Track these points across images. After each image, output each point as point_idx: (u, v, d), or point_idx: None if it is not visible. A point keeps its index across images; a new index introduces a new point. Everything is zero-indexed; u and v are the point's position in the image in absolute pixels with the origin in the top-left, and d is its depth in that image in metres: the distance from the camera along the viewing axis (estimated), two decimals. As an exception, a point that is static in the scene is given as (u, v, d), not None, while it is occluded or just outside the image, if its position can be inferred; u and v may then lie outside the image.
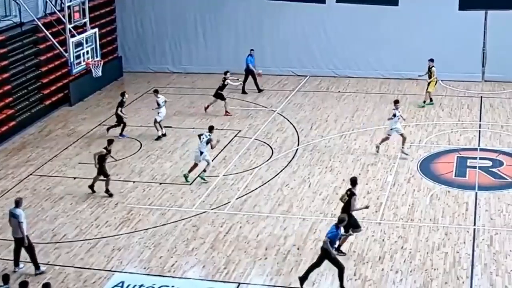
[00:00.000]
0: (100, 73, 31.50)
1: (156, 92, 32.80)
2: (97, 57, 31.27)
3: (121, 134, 31.96)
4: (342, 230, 20.65)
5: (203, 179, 27.40)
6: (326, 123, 33.16)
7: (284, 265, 21.77)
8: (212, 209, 25.41)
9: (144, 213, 25.21)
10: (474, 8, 33.34)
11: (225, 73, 34.69)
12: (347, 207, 21.94)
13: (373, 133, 31.71)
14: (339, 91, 37.59)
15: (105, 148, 26.62)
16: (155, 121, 32.08)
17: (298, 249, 22.62)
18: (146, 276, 21.40)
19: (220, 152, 29.87)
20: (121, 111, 31.94)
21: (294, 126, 32.77)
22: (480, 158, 28.86)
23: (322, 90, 37.91)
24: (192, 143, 30.85)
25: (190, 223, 24.43)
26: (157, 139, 31.67)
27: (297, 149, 30.31)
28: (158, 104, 32.13)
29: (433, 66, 34.59)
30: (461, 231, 23.48)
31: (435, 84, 35.08)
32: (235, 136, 31.89)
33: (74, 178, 28.24)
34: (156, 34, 42.09)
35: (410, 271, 21.25)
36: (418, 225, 23.88)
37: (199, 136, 27.73)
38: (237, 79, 35.52)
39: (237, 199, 26.10)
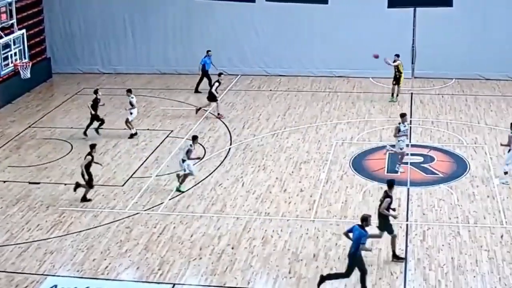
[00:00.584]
0: (28, 75, 30.99)
1: (129, 91, 32.28)
2: (25, 58, 30.77)
3: (84, 133, 31.65)
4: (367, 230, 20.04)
5: (180, 191, 26.59)
6: (258, 122, 33.15)
7: (219, 264, 21.66)
8: (145, 210, 25.17)
9: (76, 216, 24.86)
10: (403, 5, 33.72)
11: (219, 74, 34.32)
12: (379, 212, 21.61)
13: (305, 131, 31.80)
14: (270, 90, 37.64)
15: (90, 154, 25.89)
16: (127, 121, 31.66)
17: (232, 248, 22.54)
18: (79, 279, 21.10)
19: (152, 153, 29.64)
20: (91, 107, 31.56)
21: (226, 126, 32.69)
22: (412, 154, 29.13)
23: (253, 89, 37.91)
24: (123, 145, 30.61)
25: (123, 225, 24.16)
26: (130, 137, 31.41)
27: (229, 149, 30.23)
28: (132, 104, 31.71)
29: (399, 61, 34.94)
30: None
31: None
32: (167, 136, 31.66)
33: (4, 181, 27.71)
34: (85, 35, 41.58)
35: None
36: (352, 222, 23.88)
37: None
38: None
39: (170, 199, 25.90)
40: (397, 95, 35.45)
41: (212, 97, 33.77)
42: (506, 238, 22.84)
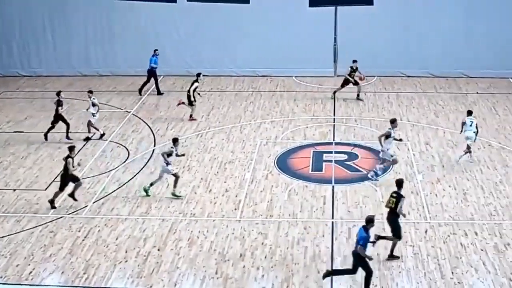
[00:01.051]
0: None
1: (90, 92, 31.63)
2: None
3: (67, 137, 30.95)
4: (371, 232, 19.90)
5: (177, 197, 25.96)
6: (182, 123, 32.94)
7: (145, 267, 21.44)
8: (69, 213, 24.77)
9: (-2, 221, 24.37)
10: (324, 4, 33.82)
11: (198, 75, 33.76)
12: (395, 211, 21.43)
13: (229, 130, 31.71)
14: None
15: (69, 156, 25.17)
16: (90, 123, 31.07)
17: (158, 250, 22.34)
18: (3, 285, 20.65)
19: (75, 156, 29.14)
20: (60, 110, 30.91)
21: (149, 127, 32.40)
22: (336, 152, 29.32)
23: (176, 89, 37.63)
24: (45, 148, 30.10)
25: (46, 229, 23.74)
26: (100, 138, 31.17)
27: (153, 150, 29.97)
28: (94, 105, 31.11)
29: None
30: (319, 224, 23.75)
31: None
32: (89, 139, 31.19)
33: None
34: (3, 36, 40.70)
35: (271, 267, 21.33)
36: (277, 221, 24.01)
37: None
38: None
39: (94, 202, 25.55)
40: (358, 94, 35.54)
41: (190, 99, 33.23)
42: (430, 233, 23.13)
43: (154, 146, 30.31)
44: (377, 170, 26.90)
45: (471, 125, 28.23)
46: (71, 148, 25.45)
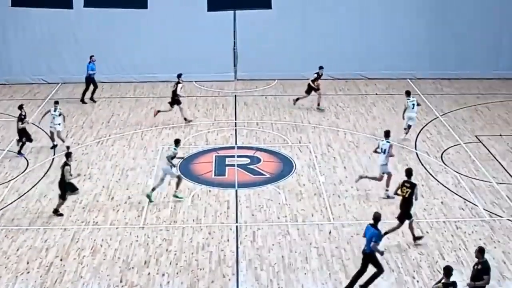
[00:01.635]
0: None
1: (56, 103, 30.66)
2: None
3: (19, 152, 29.81)
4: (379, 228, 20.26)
5: (179, 198, 25.82)
6: (82, 130, 32.41)
7: (48, 277, 21.00)
8: (-33, 226, 24.10)
9: None
10: (222, 9, 33.71)
11: (178, 76, 33.09)
12: (409, 200, 22.52)
13: (130, 137, 31.35)
14: (91, 98, 36.60)
15: (66, 163, 24.62)
16: (58, 134, 30.23)
17: (61, 260, 21.91)
18: None
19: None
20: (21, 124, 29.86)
21: (48, 135, 31.74)
22: (238, 156, 29.30)
23: (76, 97, 36.98)
24: None
25: None
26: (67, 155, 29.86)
27: (53, 159, 29.38)
28: (60, 114, 30.22)
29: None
30: (224, 229, 23.69)
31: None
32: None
33: None
34: None
35: (177, 273, 21.17)
36: (181, 227, 23.84)
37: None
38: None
39: (-7, 213, 24.92)
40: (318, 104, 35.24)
41: (175, 101, 32.76)
42: (334, 234, 23.32)
43: (54, 154, 29.68)
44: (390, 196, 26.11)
45: (413, 108, 30.14)
46: (68, 155, 24.96)
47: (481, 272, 18.55)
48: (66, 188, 24.84)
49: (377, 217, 20.16)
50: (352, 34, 39.00)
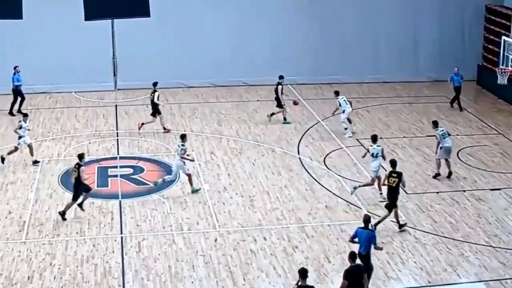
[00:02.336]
0: None
1: (25, 116, 29.67)
2: None
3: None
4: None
5: (197, 191, 26.68)
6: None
7: None
8: None
9: None
10: (100, 17, 33.31)
11: (154, 84, 32.73)
12: (397, 188, 23.57)
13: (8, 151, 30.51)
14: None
15: (79, 165, 24.54)
16: (30, 146, 29.18)
17: None
18: None
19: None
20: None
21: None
22: (121, 167, 28.92)
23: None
24: None
25: None
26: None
27: None
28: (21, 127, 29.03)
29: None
30: (108, 240, 23.30)
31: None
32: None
33: None
34: None
35: (62, 287, 20.65)
36: (65, 240, 23.32)
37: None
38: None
39: None
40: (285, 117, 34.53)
41: (156, 110, 32.42)
42: (220, 241, 23.24)
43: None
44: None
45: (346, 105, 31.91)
46: (81, 156, 24.92)
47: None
48: (79, 189, 24.62)
49: (367, 220, 20.34)
50: (232, 41, 39.12)
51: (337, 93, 32.72)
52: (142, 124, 32.72)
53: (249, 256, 22.43)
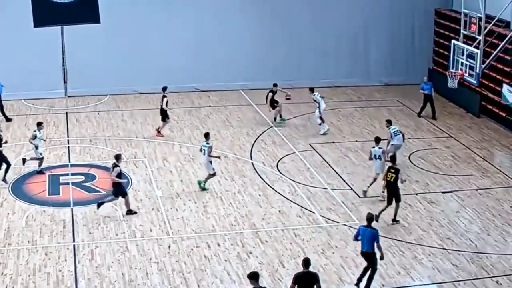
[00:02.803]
0: None
1: (40, 124, 29.27)
2: None
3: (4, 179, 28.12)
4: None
5: (203, 187, 27.41)
6: None
7: None
8: None
9: None
10: (49, 24, 33.16)
11: (163, 89, 33.25)
12: (394, 184, 24.41)
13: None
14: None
15: (116, 165, 24.95)
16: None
17: None
18: None
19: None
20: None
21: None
22: (72, 174, 28.65)
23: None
24: None
25: None
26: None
27: None
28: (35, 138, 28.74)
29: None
30: (61, 249, 23.05)
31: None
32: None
33: None
34: None
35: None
36: (16, 249, 23.00)
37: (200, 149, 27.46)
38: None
39: None
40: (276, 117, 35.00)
41: (165, 115, 32.75)
42: (173, 248, 23.11)
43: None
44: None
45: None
46: (118, 157, 25.21)
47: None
48: (118, 188, 25.16)
49: (370, 218, 20.67)
50: (183, 47, 38.98)
51: (312, 90, 33.28)
52: (159, 131, 32.94)
53: (203, 262, 22.34)
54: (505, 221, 25.36)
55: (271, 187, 27.79)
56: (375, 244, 20.49)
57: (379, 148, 26.76)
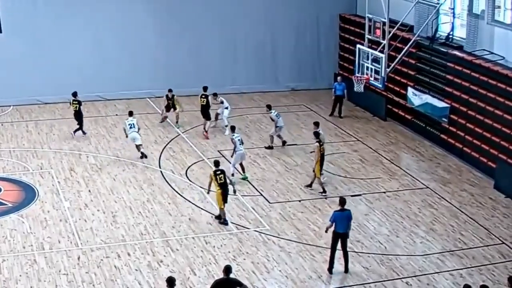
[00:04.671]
0: None
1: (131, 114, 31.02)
2: None
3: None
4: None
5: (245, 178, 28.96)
6: None
7: None
8: None
9: None
10: None
11: (204, 89, 34.30)
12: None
13: None
14: None
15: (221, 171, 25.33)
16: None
17: None
18: None
19: None
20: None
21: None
22: (-29, 188, 27.99)
23: None
24: None
25: None
26: None
27: None
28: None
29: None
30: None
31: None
32: None
33: None
34: None
35: None
36: None
37: (232, 139, 29.02)
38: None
39: None
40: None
41: (206, 114, 34.13)
42: (83, 259, 22.75)
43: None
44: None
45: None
46: (217, 163, 25.63)
47: None
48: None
49: (344, 201, 22.37)
50: (87, 56, 38.39)
51: (269, 107, 33.02)
52: (206, 131, 33.87)
53: (114, 272, 22.04)
54: (413, 223, 25.73)
55: (180, 195, 27.61)
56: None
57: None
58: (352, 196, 27.69)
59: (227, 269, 18.13)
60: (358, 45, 32.92)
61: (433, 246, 24.15)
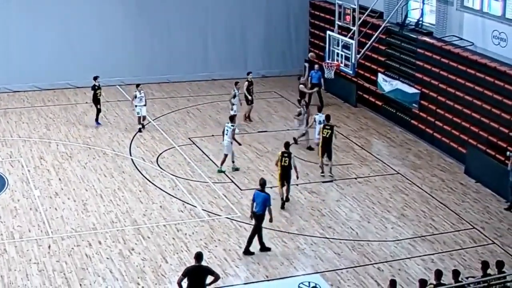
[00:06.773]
0: None
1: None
2: None
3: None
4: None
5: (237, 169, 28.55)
6: None
7: None
8: None
9: None
10: None
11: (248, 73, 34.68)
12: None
13: None
14: None
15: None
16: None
17: None
18: None
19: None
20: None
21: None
22: None
23: None
24: None
25: None
26: None
27: None
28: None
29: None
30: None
31: None
32: None
33: None
34: None
35: None
36: None
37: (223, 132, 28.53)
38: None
39: None
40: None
41: (248, 100, 33.91)
42: (54, 248, 22.63)
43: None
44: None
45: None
46: (287, 144, 26.12)
47: None
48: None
49: (263, 183, 22.52)
50: (57, 43, 38.06)
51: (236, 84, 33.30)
52: (246, 116, 34.13)
53: (85, 261, 21.94)
54: (384, 208, 25.83)
55: (151, 183, 27.51)
56: (267, 208, 22.02)
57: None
58: (323, 182, 27.75)
59: (198, 256, 18.10)
60: (328, 32, 32.91)
61: (404, 231, 24.26)
